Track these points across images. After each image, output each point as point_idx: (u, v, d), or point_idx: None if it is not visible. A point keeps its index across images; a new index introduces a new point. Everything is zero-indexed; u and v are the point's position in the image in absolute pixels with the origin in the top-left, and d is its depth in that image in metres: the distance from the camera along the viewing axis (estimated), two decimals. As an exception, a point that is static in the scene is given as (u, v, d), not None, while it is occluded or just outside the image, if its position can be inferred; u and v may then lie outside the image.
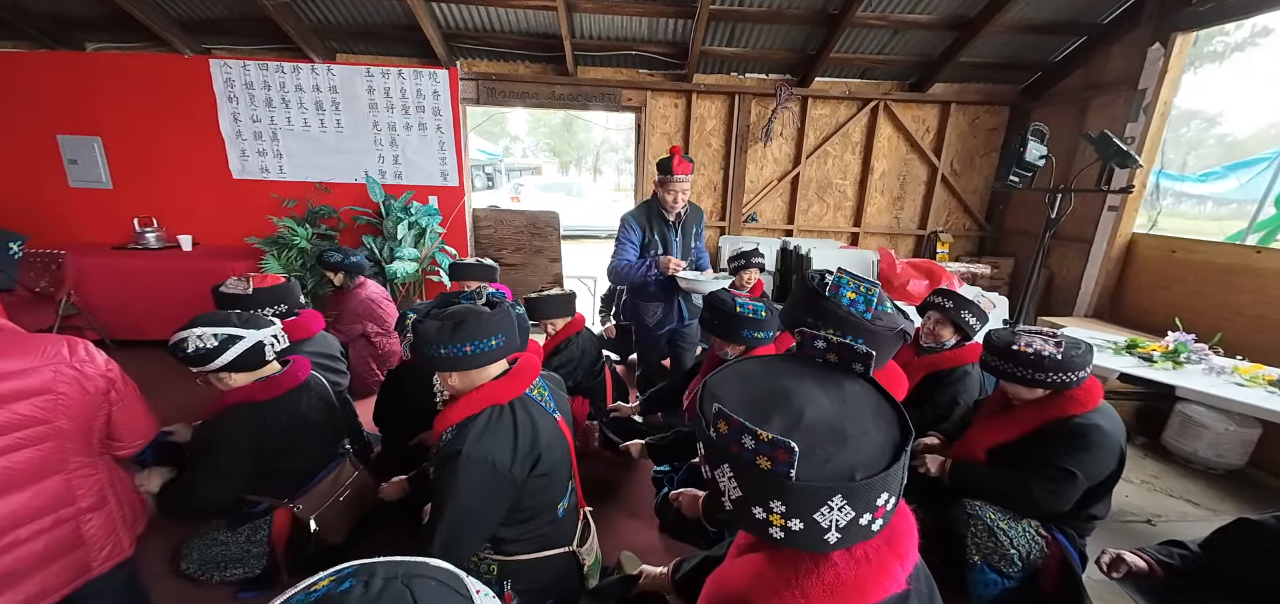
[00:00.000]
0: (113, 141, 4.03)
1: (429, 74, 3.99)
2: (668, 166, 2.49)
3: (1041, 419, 1.58)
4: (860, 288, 1.20)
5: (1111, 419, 1.56)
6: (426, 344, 1.21)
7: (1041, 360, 1.50)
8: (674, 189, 2.53)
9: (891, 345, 1.23)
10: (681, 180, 2.52)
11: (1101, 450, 1.51)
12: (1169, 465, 2.96)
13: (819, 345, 0.82)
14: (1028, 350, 1.51)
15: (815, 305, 1.22)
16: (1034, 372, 1.51)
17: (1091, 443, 1.50)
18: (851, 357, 0.80)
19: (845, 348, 0.81)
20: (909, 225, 5.01)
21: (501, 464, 1.20)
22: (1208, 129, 15.84)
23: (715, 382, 0.76)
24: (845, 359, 0.81)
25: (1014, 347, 1.54)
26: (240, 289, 2.20)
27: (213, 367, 1.58)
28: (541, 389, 1.41)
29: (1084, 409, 1.53)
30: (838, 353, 0.81)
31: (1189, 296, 3.38)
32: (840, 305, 1.19)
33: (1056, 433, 1.55)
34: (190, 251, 3.99)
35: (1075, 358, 1.50)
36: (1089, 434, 1.50)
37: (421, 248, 4.06)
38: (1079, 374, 1.50)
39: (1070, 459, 1.51)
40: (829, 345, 0.82)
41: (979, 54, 4.15)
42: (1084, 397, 1.54)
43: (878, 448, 0.67)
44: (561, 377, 2.45)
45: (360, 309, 3.12)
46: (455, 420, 1.24)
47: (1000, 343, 1.59)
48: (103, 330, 3.71)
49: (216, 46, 4.00)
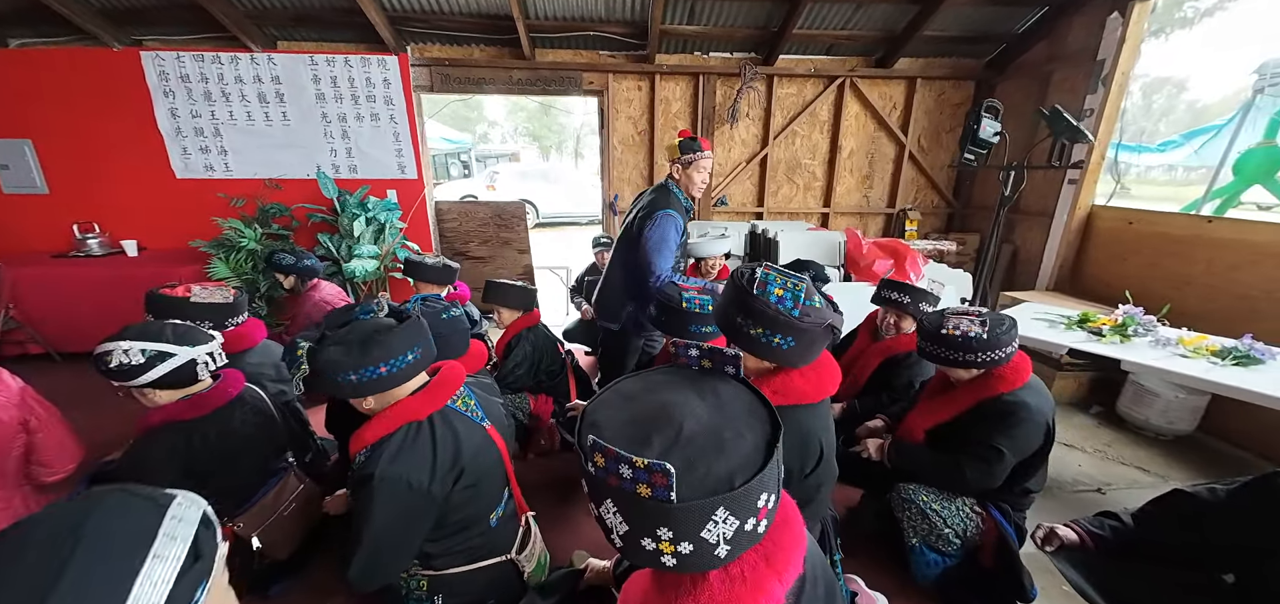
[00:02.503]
0: (46, 144, 3.80)
1: (378, 61, 3.82)
2: (695, 144, 2.20)
3: (974, 399, 1.60)
4: (787, 284, 1.18)
5: (1038, 395, 1.59)
6: (331, 371, 1.13)
7: (969, 341, 1.51)
8: (703, 167, 2.23)
9: (821, 340, 1.21)
10: (708, 157, 2.25)
11: (1028, 425, 1.54)
12: (1122, 433, 3.04)
13: (692, 353, 0.83)
14: (955, 333, 1.53)
15: (743, 303, 1.19)
16: (963, 353, 1.53)
17: (1019, 420, 1.53)
18: (722, 360, 0.81)
19: (716, 353, 0.81)
20: (878, 204, 5.01)
21: (418, 483, 1.16)
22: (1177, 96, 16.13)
23: (594, 407, 0.73)
24: (717, 364, 0.81)
25: (943, 330, 1.56)
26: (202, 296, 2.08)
27: (136, 383, 1.51)
28: (467, 399, 1.37)
29: (1012, 387, 1.55)
30: (711, 358, 0.82)
31: (1145, 268, 3.44)
32: (768, 303, 1.16)
33: (987, 412, 1.57)
34: (136, 257, 3.82)
35: (1000, 335, 1.52)
36: (1017, 411, 1.53)
37: (381, 244, 3.94)
38: (1006, 351, 1.53)
39: (998, 437, 1.54)
40: (702, 353, 0.82)
41: (942, 27, 4.11)
42: (1011, 375, 1.56)
43: (752, 447, 0.66)
44: (518, 375, 2.43)
45: (313, 312, 3.02)
46: (369, 441, 1.19)
47: (930, 328, 1.60)
48: (47, 343, 3.56)
49: (147, 38, 3.77)
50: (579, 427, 0.70)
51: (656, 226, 2.10)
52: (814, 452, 1.21)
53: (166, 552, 0.56)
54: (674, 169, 2.24)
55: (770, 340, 1.16)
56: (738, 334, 1.20)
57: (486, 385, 1.52)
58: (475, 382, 1.52)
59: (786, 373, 1.22)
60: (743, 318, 1.18)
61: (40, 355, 3.55)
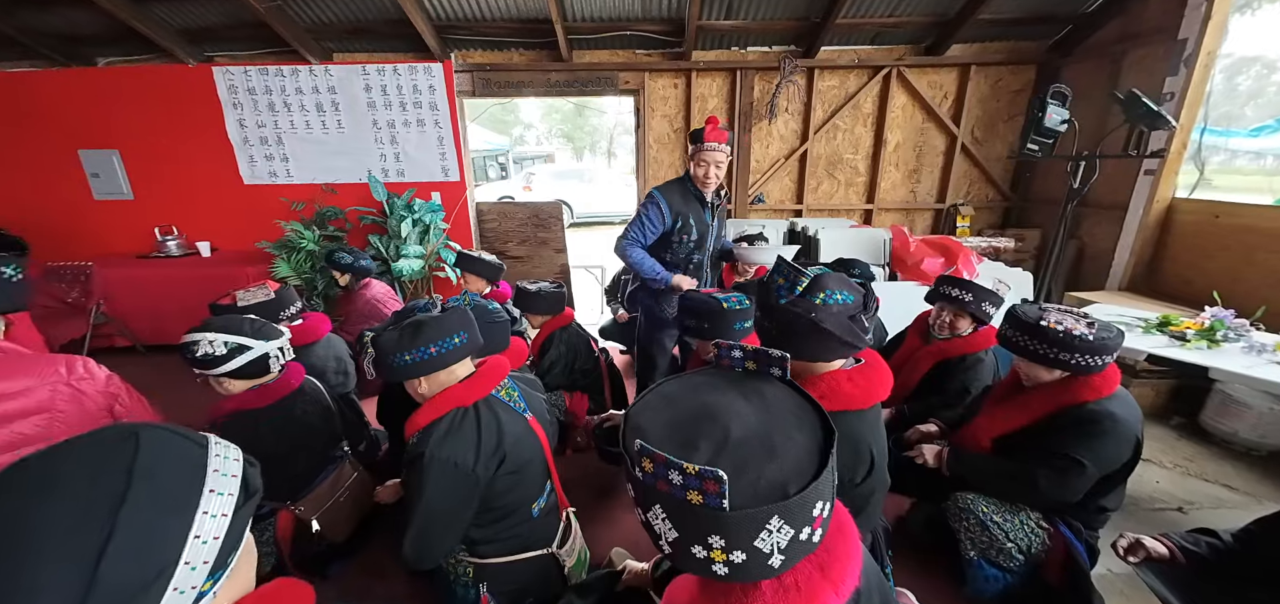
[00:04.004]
0: (130, 153, 4.17)
1: (424, 69, 3.97)
2: (700, 135, 2.20)
3: (1053, 406, 1.48)
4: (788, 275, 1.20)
5: (1127, 406, 1.46)
6: (388, 354, 1.23)
7: (1071, 340, 1.38)
8: (705, 160, 2.18)
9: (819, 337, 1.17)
10: (714, 150, 2.17)
11: (1114, 439, 1.41)
12: (1206, 447, 2.77)
13: (736, 355, 0.80)
14: (1057, 327, 1.41)
15: (761, 299, 1.23)
16: (1060, 351, 1.40)
17: (1103, 431, 1.40)
18: (768, 362, 0.78)
19: (761, 354, 0.78)
20: (927, 199, 4.78)
21: (464, 463, 1.21)
22: (1268, 76, 14.47)
23: (637, 411, 0.72)
24: (762, 365, 0.78)
25: (1042, 322, 1.44)
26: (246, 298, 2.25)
27: (216, 372, 1.63)
28: (511, 390, 1.41)
29: (1099, 395, 1.43)
30: (755, 360, 0.79)
31: (1235, 265, 3.12)
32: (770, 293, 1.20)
33: (1067, 420, 1.45)
34: (209, 257, 4.13)
35: (1108, 340, 1.39)
36: (1102, 421, 1.41)
37: (426, 244, 4.10)
38: (1105, 358, 1.40)
39: (1079, 447, 1.41)
40: (745, 353, 0.80)
41: (1000, 9, 3.86)
42: (1100, 383, 1.43)
43: (805, 453, 0.63)
44: (553, 374, 2.46)
45: (365, 310, 3.17)
46: (421, 425, 1.26)
47: (1026, 317, 1.48)
48: (134, 336, 3.90)
49: (218, 54, 4.07)
50: (624, 430, 0.69)
51: (642, 204, 2.29)
52: (865, 459, 1.17)
53: (221, 487, 0.57)
54: (687, 160, 2.31)
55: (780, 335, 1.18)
56: (766, 336, 1.22)
57: (530, 380, 1.55)
58: (521, 376, 1.55)
59: (830, 377, 1.18)
60: (761, 313, 1.22)
61: (127, 348, 3.89)
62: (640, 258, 2.27)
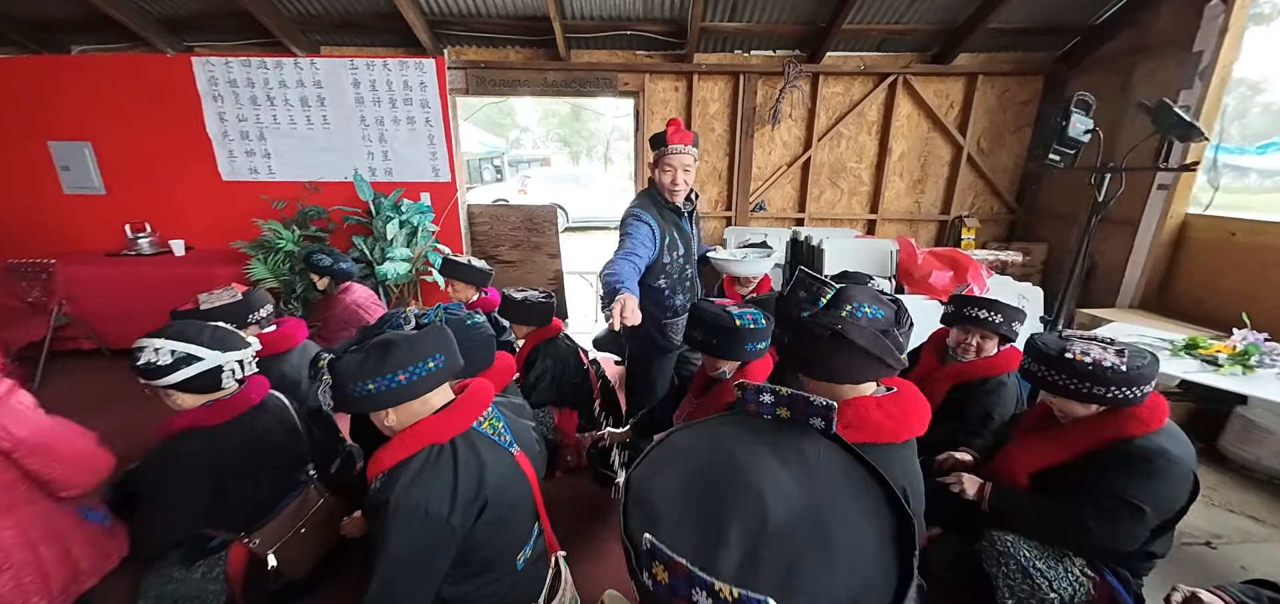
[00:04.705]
0: (103, 146, 3.97)
1: (415, 64, 3.81)
2: (661, 139, 1.98)
3: (1097, 440, 1.34)
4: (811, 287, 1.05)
5: (1180, 442, 1.32)
6: (349, 382, 1.05)
7: (1103, 373, 1.25)
8: (671, 165, 1.96)
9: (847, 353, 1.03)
10: (680, 152, 1.95)
11: (1170, 479, 1.28)
12: (1226, 474, 2.66)
13: (765, 399, 0.63)
14: (1085, 360, 1.27)
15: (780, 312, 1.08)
16: (1093, 385, 1.27)
17: (1156, 471, 1.27)
18: (807, 410, 0.60)
19: (799, 400, 0.61)
20: (931, 210, 4.67)
21: (437, 512, 1.03)
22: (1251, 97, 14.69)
23: (644, 474, 0.56)
24: (799, 413, 0.61)
25: (1067, 354, 1.30)
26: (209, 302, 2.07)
27: (160, 383, 1.46)
28: (495, 421, 1.23)
29: (1147, 429, 1.29)
30: (790, 407, 0.61)
31: (1252, 285, 3.01)
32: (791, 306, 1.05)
33: (1115, 457, 1.31)
34: (182, 257, 3.93)
35: (1143, 370, 1.26)
36: (1154, 460, 1.27)
37: (413, 247, 3.92)
38: (1144, 389, 1.27)
39: (1134, 490, 1.27)
40: (778, 398, 0.63)
41: (1009, 18, 3.77)
42: (1148, 415, 1.30)
43: (874, 552, 0.47)
44: (540, 389, 2.29)
45: (346, 315, 2.99)
46: (386, 465, 1.08)
47: (1050, 350, 1.34)
48: (99, 339, 3.68)
49: (198, 44, 3.88)
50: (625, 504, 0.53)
51: (624, 226, 2.03)
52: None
53: None
54: (649, 167, 2.10)
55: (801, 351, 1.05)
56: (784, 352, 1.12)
57: (516, 406, 1.38)
58: (506, 402, 1.38)
59: (858, 403, 1.03)
60: (780, 329, 1.07)
61: (92, 351, 3.67)
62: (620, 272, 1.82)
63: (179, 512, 1.53)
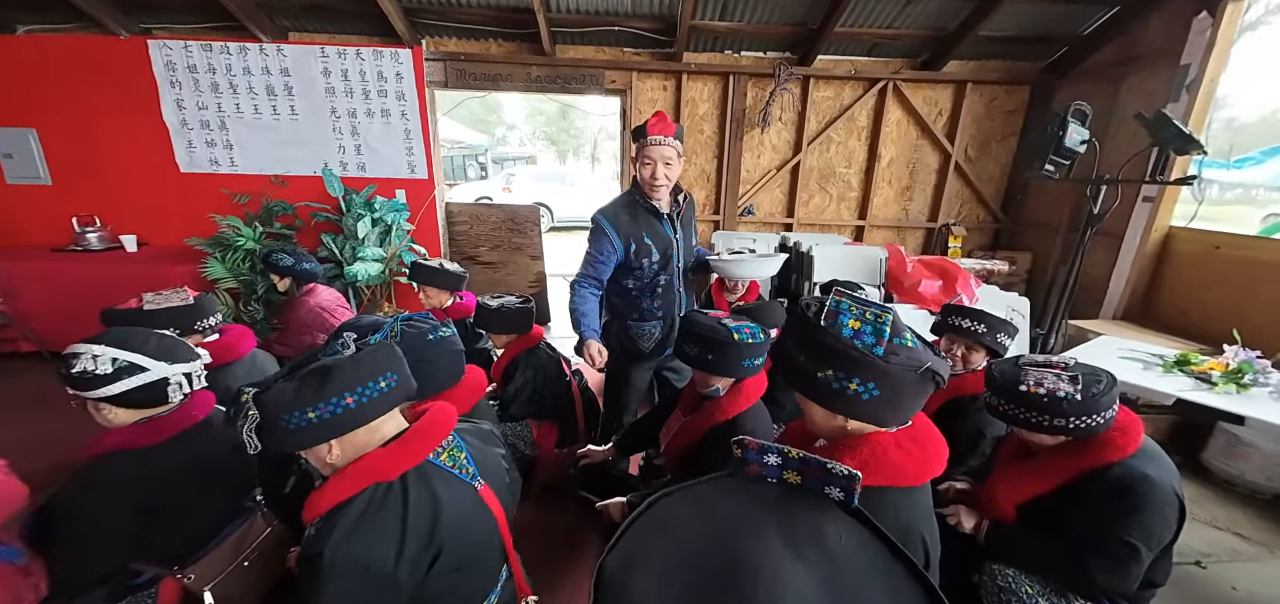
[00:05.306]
0: (49, 133, 3.70)
1: (391, 54, 3.63)
2: (642, 130, 1.80)
3: (1075, 470, 1.28)
4: (866, 314, 0.89)
5: (1159, 464, 1.26)
6: (285, 413, 0.89)
7: (1055, 403, 1.21)
8: (651, 156, 1.79)
9: (916, 390, 0.91)
10: (661, 144, 1.78)
11: (1157, 507, 1.21)
12: (1208, 488, 2.67)
13: (771, 461, 0.51)
14: (1038, 391, 1.23)
15: (809, 337, 0.92)
16: (1048, 417, 1.23)
17: (1141, 500, 1.20)
18: (824, 478, 0.49)
19: (814, 465, 0.50)
20: (919, 218, 4.64)
21: (380, 565, 0.89)
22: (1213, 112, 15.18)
23: (621, 559, 0.43)
24: (813, 481, 0.50)
25: (1021, 386, 1.26)
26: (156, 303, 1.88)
27: (96, 395, 1.29)
28: (456, 450, 1.09)
29: (1123, 454, 1.23)
30: (802, 471, 0.50)
31: (1238, 300, 3.02)
32: (839, 337, 0.88)
33: (1097, 487, 1.25)
34: (134, 254, 3.68)
35: (1098, 396, 1.21)
36: (1137, 488, 1.21)
37: (387, 247, 3.73)
38: (1105, 416, 1.22)
39: (1125, 527, 1.21)
40: (785, 459, 0.51)
41: (999, 27, 3.75)
42: (1122, 439, 1.24)
43: None
44: (518, 403, 2.15)
45: (308, 319, 2.79)
46: (324, 508, 0.93)
47: (1005, 381, 1.30)
48: (39, 341, 3.41)
49: (155, 26, 3.64)
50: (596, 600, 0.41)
51: (590, 239, 1.97)
52: (917, 553, 0.90)
53: None
54: (631, 162, 1.98)
55: (845, 386, 0.88)
56: (800, 376, 0.94)
57: (484, 433, 1.23)
58: (472, 428, 1.24)
59: (875, 440, 0.92)
60: (807, 356, 0.91)
61: (31, 354, 3.40)
62: (580, 309, 1.95)
63: (100, 545, 1.36)
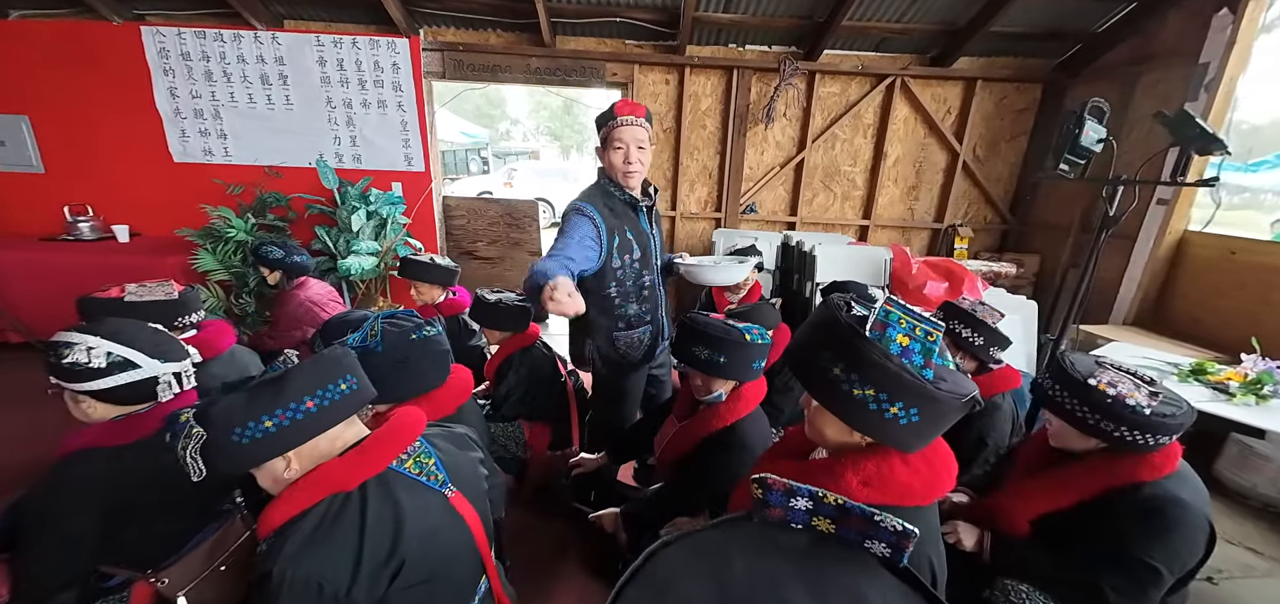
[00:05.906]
0: (42, 121, 3.65)
1: (387, 43, 3.55)
2: (609, 114, 1.65)
3: (1102, 485, 1.21)
4: (917, 330, 0.79)
5: (1193, 488, 1.19)
6: (238, 425, 0.82)
7: (1121, 409, 1.12)
8: (621, 140, 1.63)
9: (951, 418, 0.84)
10: (630, 125, 1.63)
11: (1186, 532, 1.14)
12: (1221, 500, 2.59)
13: (799, 506, 0.42)
14: (1109, 392, 1.14)
15: (848, 347, 0.81)
16: (1103, 419, 1.14)
17: (1171, 524, 1.13)
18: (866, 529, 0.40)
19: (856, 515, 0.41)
20: (924, 218, 4.55)
21: (334, 584, 0.82)
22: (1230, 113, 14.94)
23: None
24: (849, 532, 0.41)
25: (1092, 380, 1.17)
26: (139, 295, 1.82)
27: (83, 388, 1.25)
28: (424, 457, 1.02)
29: (1157, 474, 1.16)
30: (838, 521, 0.41)
31: (1254, 307, 2.93)
32: (886, 353, 0.79)
33: (1123, 506, 1.17)
34: (126, 244, 3.63)
35: (1168, 420, 1.11)
36: (1166, 511, 1.13)
37: (382, 240, 3.67)
38: (1158, 439, 1.13)
39: (1148, 548, 1.13)
40: (818, 506, 0.42)
41: (1011, 23, 3.65)
42: (1160, 458, 1.16)
43: None
44: (510, 403, 2.09)
45: (299, 313, 2.74)
46: (277, 523, 0.86)
47: (1076, 372, 1.20)
48: (27, 331, 3.36)
49: (149, 12, 3.57)
50: None
51: (565, 221, 1.72)
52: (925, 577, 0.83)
53: None
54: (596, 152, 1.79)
55: (885, 409, 0.79)
56: (830, 391, 0.84)
57: (458, 437, 1.16)
58: (443, 431, 1.17)
59: (883, 457, 0.85)
60: (843, 367, 0.80)
61: (20, 344, 3.36)
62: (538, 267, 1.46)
63: (64, 548, 1.30)
